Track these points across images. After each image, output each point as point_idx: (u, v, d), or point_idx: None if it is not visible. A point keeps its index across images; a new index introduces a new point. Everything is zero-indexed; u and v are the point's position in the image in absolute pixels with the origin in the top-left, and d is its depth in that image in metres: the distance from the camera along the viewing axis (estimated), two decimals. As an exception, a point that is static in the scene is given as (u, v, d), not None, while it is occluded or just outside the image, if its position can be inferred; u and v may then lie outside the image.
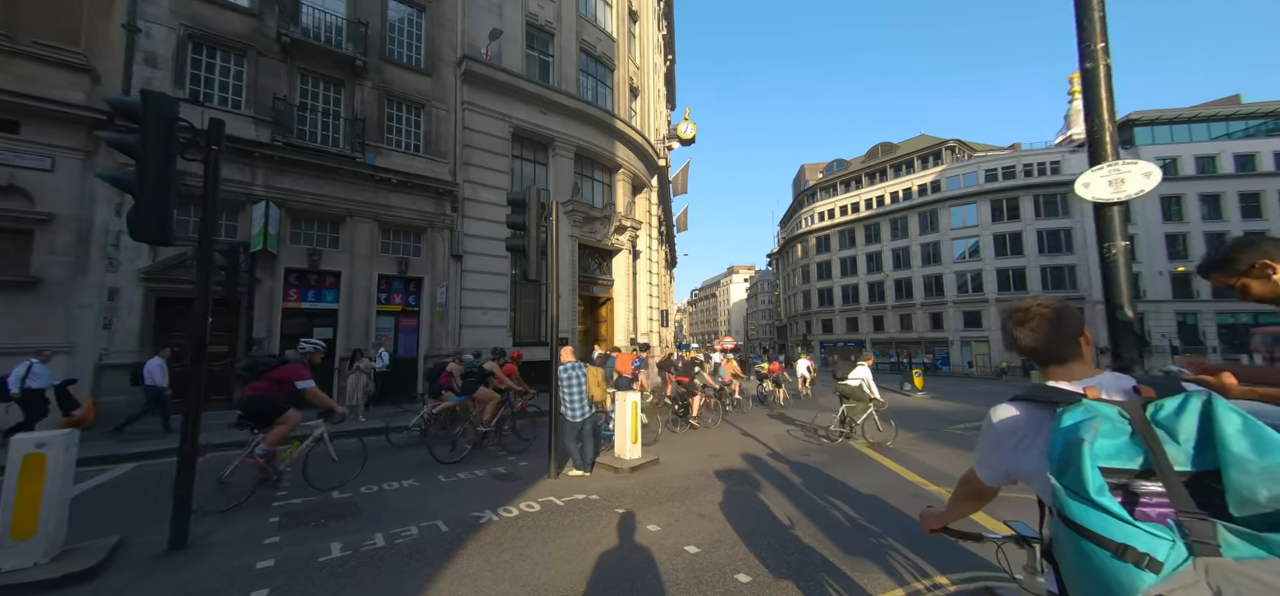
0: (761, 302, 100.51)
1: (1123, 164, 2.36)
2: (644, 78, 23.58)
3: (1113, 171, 2.36)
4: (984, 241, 48.99)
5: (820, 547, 4.40)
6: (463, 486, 6.31)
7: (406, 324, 14.75)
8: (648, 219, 23.47)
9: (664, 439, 9.57)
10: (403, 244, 14.88)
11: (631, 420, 7.30)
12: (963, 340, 49.66)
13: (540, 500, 5.71)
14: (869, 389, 9.67)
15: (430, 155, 15.23)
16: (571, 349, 7.12)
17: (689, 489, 6.26)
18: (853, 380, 9.78)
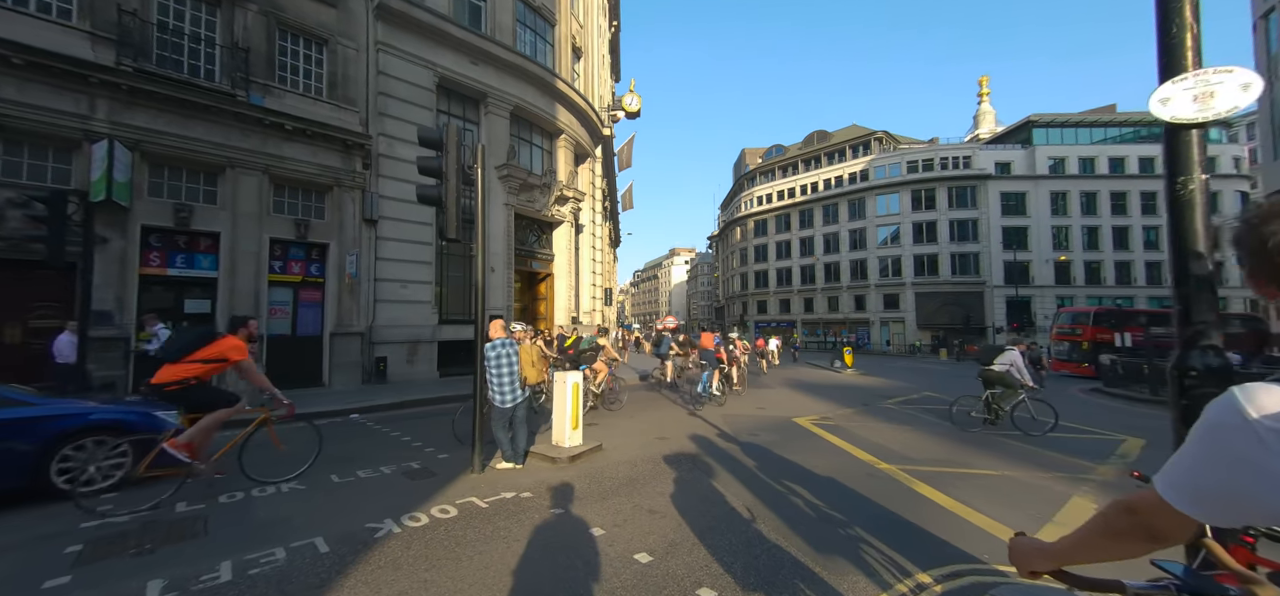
0: (701, 284, 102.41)
1: (1212, 73, 1.83)
2: (587, 38, 22.13)
3: (1199, 83, 1.84)
4: (904, 228, 52.48)
5: (788, 544, 3.85)
6: (361, 488, 5.17)
7: (308, 296, 12.78)
8: (591, 190, 22.33)
9: (604, 421, 8.82)
10: (302, 203, 12.77)
11: (573, 403, 6.44)
12: (882, 321, 53.31)
13: (458, 502, 4.73)
14: (1019, 373, 8.87)
15: (336, 101, 13.11)
16: (502, 323, 6.10)
17: (636, 478, 5.54)
18: (1000, 365, 9.07)
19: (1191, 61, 1.90)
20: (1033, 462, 6.76)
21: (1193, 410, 1.85)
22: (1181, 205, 1.92)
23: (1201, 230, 1.89)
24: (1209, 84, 1.83)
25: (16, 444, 4.56)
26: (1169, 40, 1.94)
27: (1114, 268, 48.65)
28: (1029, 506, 4.91)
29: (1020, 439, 8.43)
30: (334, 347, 12.59)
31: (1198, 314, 1.87)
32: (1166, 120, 1.91)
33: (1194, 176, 1.89)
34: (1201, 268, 1.88)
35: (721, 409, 10.66)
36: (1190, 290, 1.89)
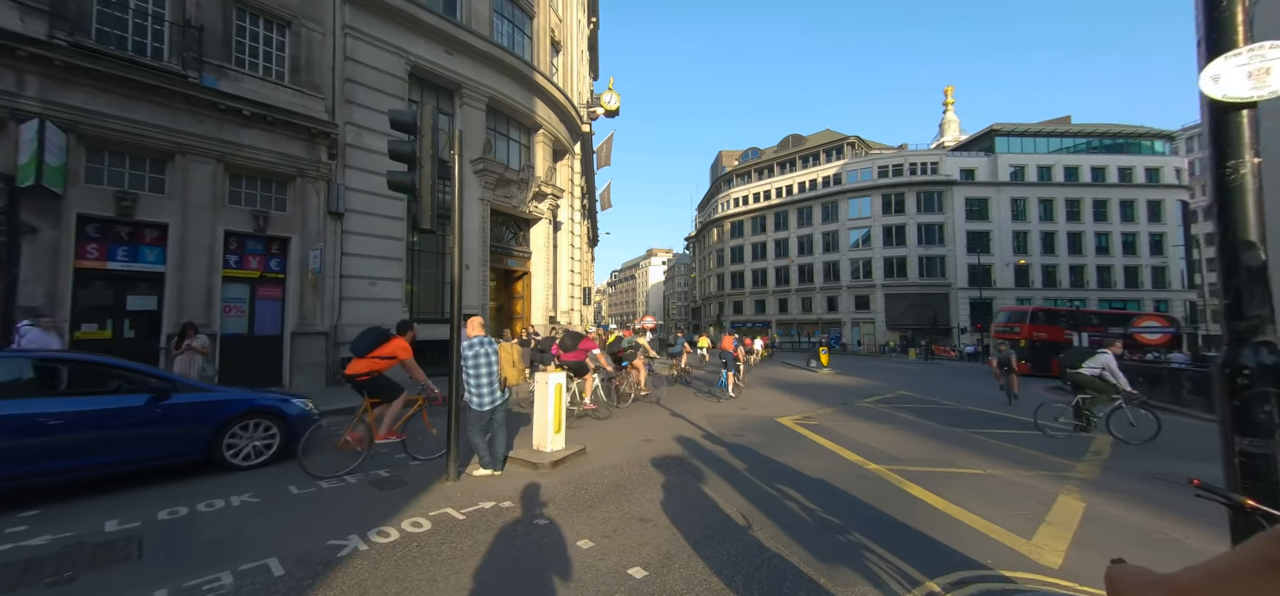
0: (678, 285, 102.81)
1: (1269, 47, 1.71)
2: (566, 33, 21.72)
3: (1254, 57, 1.71)
4: (875, 231, 53.81)
5: (788, 553, 3.65)
6: (324, 500, 4.73)
7: (267, 293, 11.99)
8: (570, 187, 21.91)
9: (586, 425, 8.52)
10: (261, 194, 11.98)
11: (555, 405, 6.12)
12: (854, 321, 54.53)
13: (432, 514, 4.36)
14: (1113, 377, 8.42)
15: (299, 86, 12.36)
16: (480, 321, 5.73)
17: (623, 484, 5.28)
18: (1089, 369, 8.62)
19: (1243, 35, 1.78)
20: (1015, 461, 6.81)
21: (1245, 412, 1.73)
22: (1231, 190, 1.80)
23: (1253, 217, 1.77)
24: (1266, 59, 1.71)
25: (199, 426, 5.48)
26: (1217, 13, 1.82)
27: (1068, 271, 51.06)
28: (1020, 505, 4.88)
29: (997, 437, 8.55)
30: (295, 348, 11.85)
31: (1250, 308, 1.75)
32: (1218, 99, 1.78)
33: (1245, 159, 1.77)
34: (1254, 258, 1.77)
35: (702, 409, 10.49)
36: (1241, 282, 1.77)
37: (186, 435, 5.37)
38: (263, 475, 5.49)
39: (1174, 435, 9.40)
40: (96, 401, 4.98)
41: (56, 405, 4.75)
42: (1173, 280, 50.73)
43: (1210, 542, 4.07)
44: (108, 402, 5.01)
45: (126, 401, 5.08)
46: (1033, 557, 3.67)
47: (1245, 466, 1.70)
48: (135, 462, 5.06)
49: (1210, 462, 7.09)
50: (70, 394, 5.07)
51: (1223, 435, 1.79)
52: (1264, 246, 1.76)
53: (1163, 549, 3.97)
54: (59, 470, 4.62)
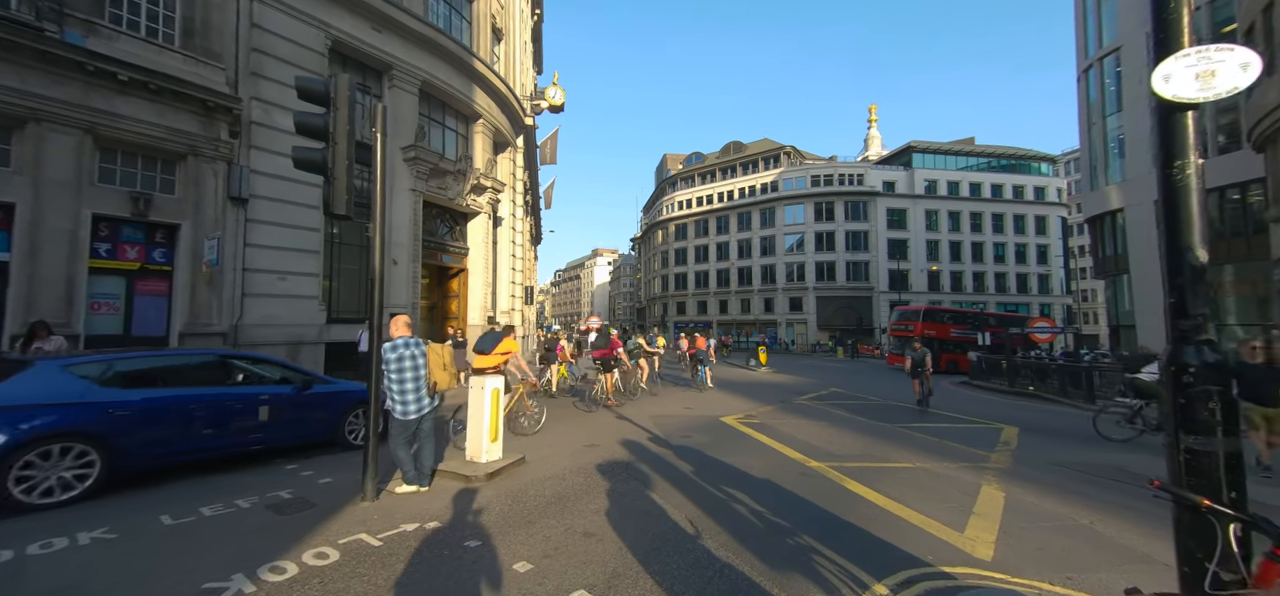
0: (624, 285, 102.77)
1: (1214, 50, 1.75)
2: (509, 21, 20.84)
3: (1201, 59, 1.75)
4: (808, 237, 56.77)
5: (740, 562, 3.51)
6: (203, 531, 3.99)
7: (149, 288, 10.37)
8: (512, 182, 21.03)
9: (528, 430, 8.06)
10: (143, 174, 10.35)
11: (491, 411, 5.65)
12: (788, 322, 57.16)
13: (342, 541, 3.80)
14: None
15: (193, 53, 10.80)
16: (406, 319, 5.15)
17: (566, 495, 4.94)
18: (1149, 374, 8.17)
19: (1187, 38, 1.83)
20: (938, 453, 7.22)
21: (1190, 410, 1.75)
22: (1177, 191, 1.84)
23: (1197, 218, 1.81)
24: (1211, 61, 1.75)
25: (327, 412, 6.61)
26: (1166, 15, 1.86)
27: (972, 277, 56.60)
28: (950, 498, 5.10)
29: (922, 430, 9.08)
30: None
31: (1194, 307, 1.79)
32: (1168, 98, 1.82)
33: (1190, 160, 1.81)
34: (1196, 258, 1.80)
35: (647, 410, 10.33)
36: (1186, 281, 1.81)
37: (322, 420, 6.62)
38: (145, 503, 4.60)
39: (1064, 423, 10.50)
40: (268, 389, 6.23)
41: (240, 391, 6.03)
42: (1054, 287, 57.79)
43: (1114, 527, 4.43)
44: (276, 390, 6.27)
45: (285, 390, 6.34)
46: (968, 551, 3.78)
47: (1190, 463, 1.73)
48: (290, 439, 6.33)
49: (1106, 449, 7.92)
50: (246, 384, 6.19)
51: (1168, 432, 1.82)
52: (1206, 246, 1.80)
53: (1076, 534, 4.26)
54: (247, 444, 5.90)
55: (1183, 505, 1.67)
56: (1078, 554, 3.81)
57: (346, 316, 13.30)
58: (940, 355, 25.33)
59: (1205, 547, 1.63)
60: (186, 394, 5.55)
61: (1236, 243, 18.93)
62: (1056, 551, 3.84)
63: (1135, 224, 22.83)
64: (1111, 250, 24.98)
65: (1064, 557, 3.73)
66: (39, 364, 5.00)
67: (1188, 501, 1.60)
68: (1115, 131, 24.30)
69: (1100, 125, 25.17)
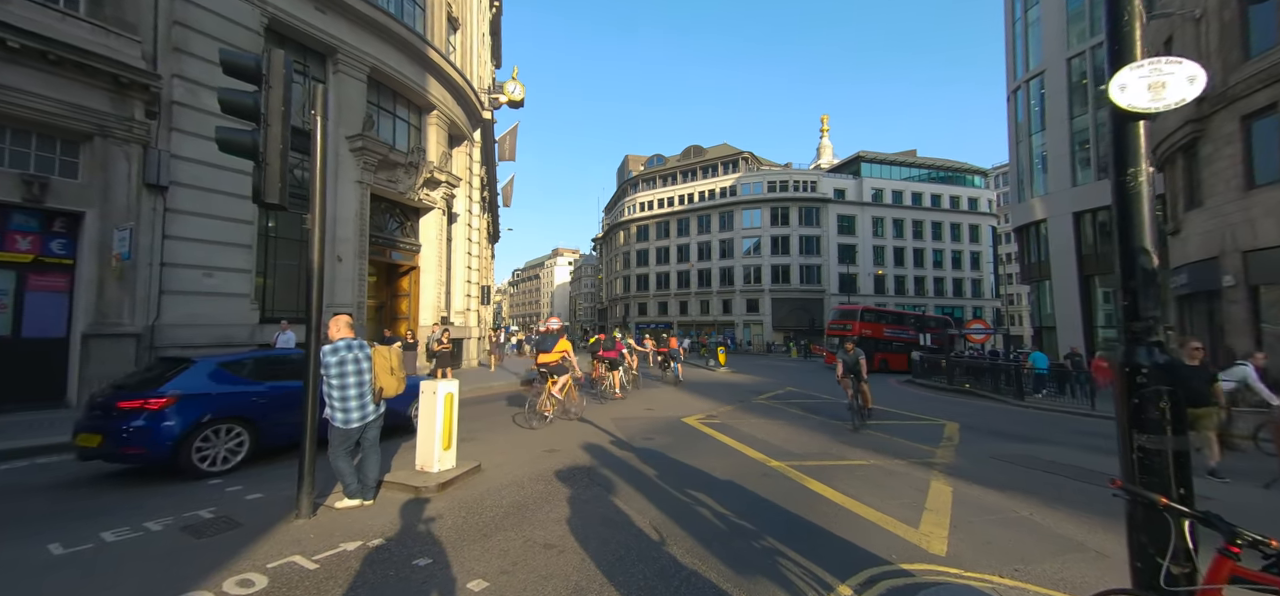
0: (585, 286, 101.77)
1: (1165, 62, 1.83)
2: (466, 10, 20.09)
3: (1153, 71, 1.83)
4: (764, 241, 58.34)
5: (706, 569, 3.44)
6: (105, 560, 3.49)
7: (45, 283, 9.18)
8: (468, 177, 20.29)
9: (484, 436, 7.72)
10: (38, 155, 9.16)
11: (444, 417, 5.32)
12: (745, 323, 58.49)
13: (272, 565, 3.42)
14: (1255, 388, 7.06)
15: (102, 21, 9.66)
16: (348, 320, 4.75)
17: (525, 503, 4.72)
18: (1229, 381, 7.23)
19: (1140, 51, 1.91)
20: (888, 450, 7.49)
21: (1142, 410, 1.81)
22: (1130, 197, 1.91)
23: (1148, 223, 1.89)
24: (1162, 73, 1.84)
25: (403, 400, 6.96)
26: (1120, 29, 1.94)
27: (913, 281, 60.04)
28: (903, 494, 5.27)
29: (873, 428, 9.43)
30: (89, 353, 9.22)
31: (1145, 309, 1.87)
32: (1123, 108, 1.89)
33: (1141, 168, 1.89)
34: (1147, 262, 1.88)
35: (609, 412, 10.17)
36: (1138, 284, 1.88)
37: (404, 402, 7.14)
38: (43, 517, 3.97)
39: (998, 418, 11.24)
40: None
41: None
42: (985, 291, 62.29)
43: (1051, 518, 4.71)
44: None
45: None
46: (923, 547, 3.89)
47: (1142, 462, 1.80)
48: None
49: (1036, 442, 8.50)
50: None
51: (1120, 431, 1.89)
52: (1156, 250, 1.89)
53: (1019, 526, 4.49)
54: None
55: (1140, 503, 1.73)
56: (1022, 545, 4.01)
57: (282, 316, 12.32)
58: (873, 354, 26.05)
59: (1158, 543, 1.70)
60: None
61: (1140, 253, 20.99)
62: (1003, 544, 4.02)
63: (1055, 234, 24.90)
64: (1036, 257, 27.13)
65: (1010, 549, 3.91)
66: (200, 361, 6.04)
67: (1146, 499, 1.66)
68: (1039, 148, 26.41)
69: (1027, 142, 27.29)
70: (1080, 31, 23.58)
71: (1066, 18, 24.15)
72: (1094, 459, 7.38)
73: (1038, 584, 3.35)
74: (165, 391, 5.47)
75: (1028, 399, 15.02)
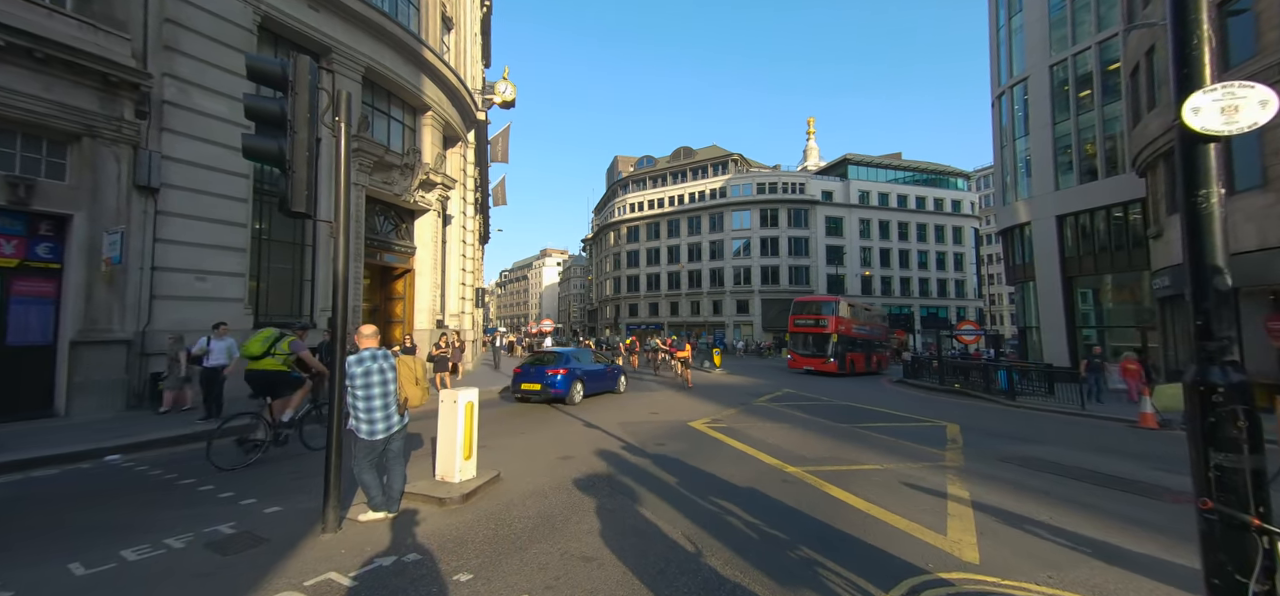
0: (574, 286, 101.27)
1: (1238, 86, 1.89)
2: (459, 10, 19.86)
3: (1226, 95, 1.88)
4: (753, 242, 58.79)
5: (750, 582, 3.45)
6: (128, 581, 3.37)
7: (31, 288, 8.83)
8: (462, 178, 20.05)
9: (495, 443, 7.64)
10: (24, 155, 8.81)
11: (465, 426, 5.25)
12: (735, 324, 58.83)
13: (308, 583, 3.34)
14: None
15: (90, 18, 9.33)
16: (374, 329, 4.66)
17: (552, 515, 4.68)
18: None
19: (1209, 74, 1.97)
20: (898, 453, 7.61)
21: (1219, 428, 1.87)
22: (1202, 218, 1.97)
23: (1220, 244, 1.95)
24: (1235, 97, 1.90)
25: (613, 381, 14.18)
26: (1189, 52, 2.00)
27: (899, 282, 61.06)
28: (923, 499, 5.35)
29: (878, 430, 9.56)
30: (78, 360, 8.89)
31: (1219, 329, 1.93)
32: (1197, 130, 1.94)
33: (1212, 189, 1.95)
34: (1222, 282, 1.94)
35: (616, 417, 10.15)
36: (1211, 305, 1.94)
37: (611, 382, 14.00)
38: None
39: (994, 419, 11.48)
40: (600, 366, 13.97)
41: (597, 366, 13.66)
42: (969, 292, 63.64)
43: (1071, 522, 4.83)
44: (602, 367, 14.05)
45: (605, 367, 14.14)
46: (956, 555, 3.95)
47: (1219, 480, 1.85)
48: (601, 391, 13.40)
49: (1034, 443, 8.70)
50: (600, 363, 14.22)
51: (1194, 449, 1.94)
52: (1228, 272, 1.95)
53: (1042, 531, 4.59)
54: (597, 390, 13.22)
55: (1228, 523, 1.78)
56: (1050, 552, 4.10)
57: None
58: (846, 355, 24.96)
59: (1238, 562, 1.76)
60: (598, 367, 13.79)
61: (1119, 255, 21.66)
62: (1032, 551, 4.11)
63: (1039, 237, 25.54)
64: (1020, 260, 27.80)
65: (1040, 556, 4.00)
66: (563, 352, 13.26)
67: (1239, 521, 1.71)
68: (1023, 153, 27.05)
69: (1011, 147, 27.94)
70: (1062, 39, 24.24)
71: (1048, 26, 24.80)
72: (1096, 458, 7.59)
73: (1072, 591, 3.43)
74: (561, 365, 12.01)
75: (1019, 399, 15.38)
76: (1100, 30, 22.49)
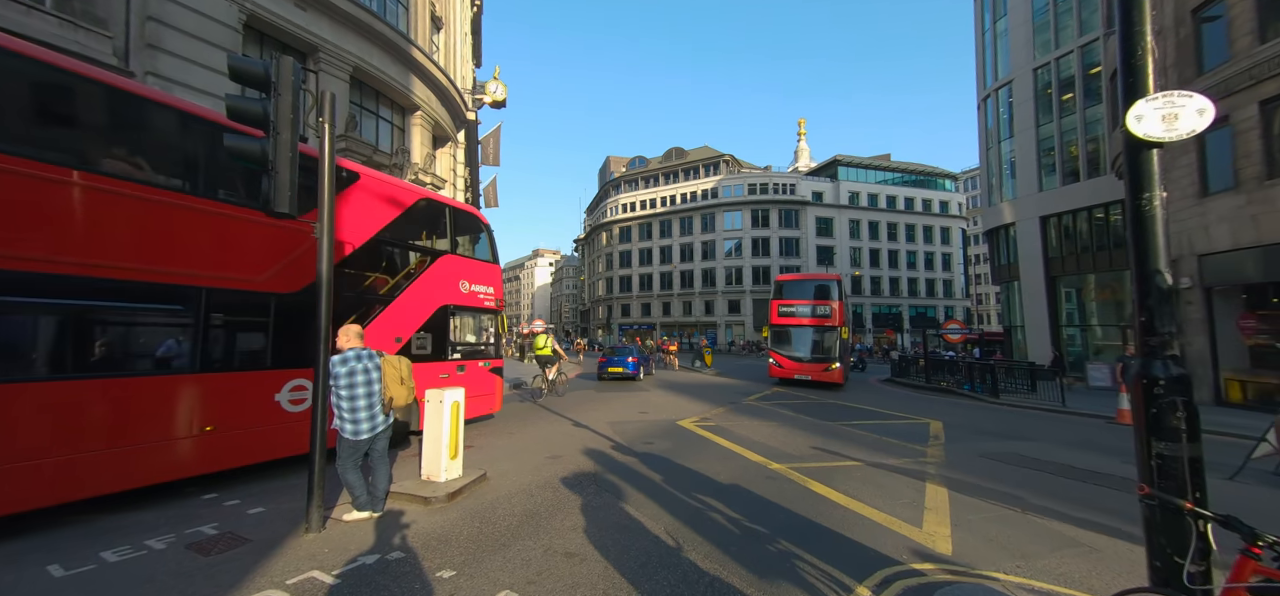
0: (566, 286, 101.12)
1: (1177, 96, 2.00)
2: (449, 8, 19.80)
3: (1167, 103, 1.99)
4: (745, 242, 59.12)
5: (727, 574, 3.52)
6: (108, 582, 3.36)
7: None
8: (452, 178, 19.97)
9: (482, 442, 7.65)
10: (0, 152, 8.65)
11: (451, 426, 5.28)
12: (727, 323, 59.14)
13: (290, 582, 3.36)
14: None
15: (71, 17, 9.21)
16: (357, 329, 4.68)
17: (537, 512, 4.72)
18: None
19: (1152, 84, 2.07)
20: (880, 449, 7.74)
21: (1160, 419, 1.97)
22: (1145, 220, 2.08)
23: (1162, 245, 2.05)
24: (1174, 105, 2.00)
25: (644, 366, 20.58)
26: (1134, 62, 2.10)
27: (888, 282, 61.70)
28: (903, 494, 5.47)
29: (863, 428, 9.70)
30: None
31: (1161, 325, 2.03)
32: (1140, 137, 2.04)
33: (1155, 193, 2.05)
34: (1162, 281, 2.04)
35: (604, 417, 10.19)
36: (1153, 302, 2.04)
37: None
38: None
39: (977, 417, 11.69)
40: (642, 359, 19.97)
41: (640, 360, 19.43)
42: (956, 291, 64.47)
43: (1043, 514, 4.96)
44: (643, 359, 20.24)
45: (643, 360, 20.10)
46: (930, 547, 4.06)
47: (1161, 467, 1.96)
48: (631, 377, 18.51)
49: (1014, 439, 8.89)
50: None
51: (1138, 439, 2.04)
52: (1171, 269, 2.05)
53: (1015, 523, 4.72)
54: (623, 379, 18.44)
55: (1165, 508, 1.88)
56: (1020, 541, 4.22)
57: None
58: (846, 356, 23.15)
59: (1177, 545, 1.86)
60: (641, 360, 19.62)
61: (1100, 255, 22.10)
62: (1003, 541, 4.23)
63: (1024, 237, 25.98)
64: (1005, 259, 28.25)
65: (1010, 546, 4.12)
66: (621, 347, 21.98)
67: (1172, 504, 1.81)
68: (1008, 155, 27.50)
69: (996, 148, 28.40)
70: (1045, 43, 24.69)
71: (1032, 29, 25.26)
72: (1072, 453, 7.78)
73: (1041, 579, 3.55)
74: (631, 355, 18.58)
75: (1002, 396, 15.65)
76: (1082, 34, 22.95)
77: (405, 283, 7.66)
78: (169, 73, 10.45)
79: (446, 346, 8.40)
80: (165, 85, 10.36)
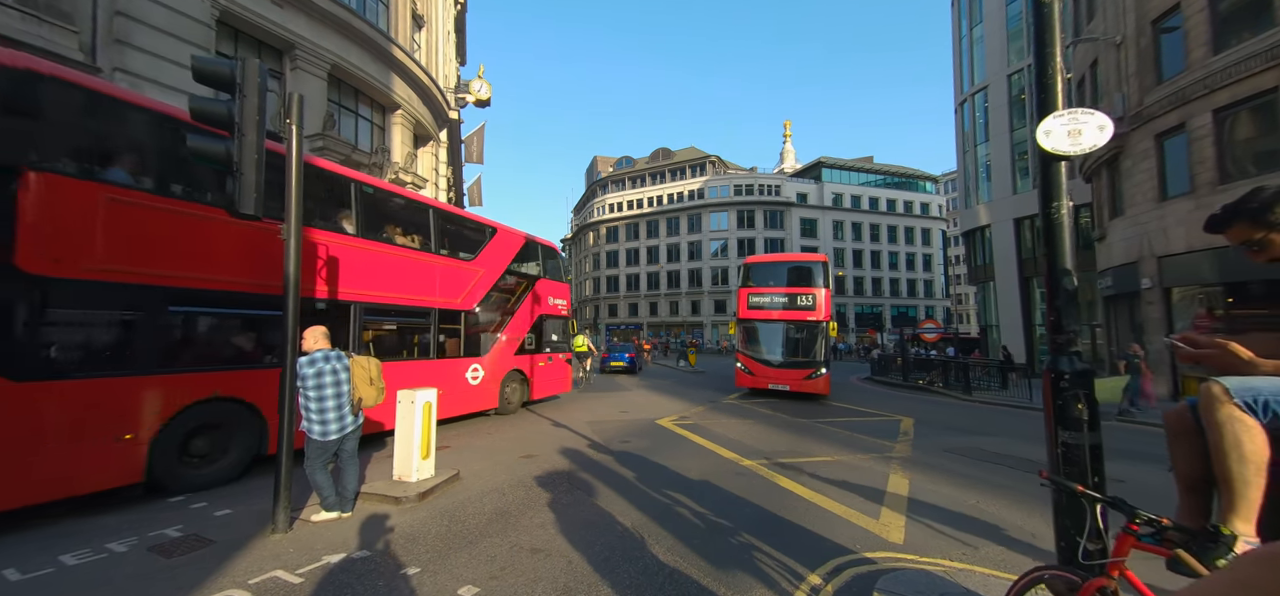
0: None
1: (1080, 113, 2.16)
2: (431, 7, 19.67)
3: (1071, 120, 2.15)
4: (731, 243, 59.58)
5: (687, 566, 3.64)
6: (64, 585, 3.36)
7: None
8: (434, 177, 19.84)
9: (460, 442, 7.68)
10: (-42, 150, 8.41)
11: (423, 426, 5.31)
12: (713, 324, 59.53)
13: (253, 582, 3.39)
14: None
15: (33, 10, 9.00)
16: (324, 331, 4.69)
17: (507, 510, 4.79)
18: None
19: (1061, 102, 2.23)
20: (849, 446, 7.95)
21: (1064, 410, 2.13)
22: (1054, 227, 2.23)
23: (1068, 249, 2.21)
24: (1078, 121, 2.16)
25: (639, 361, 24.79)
26: (1045, 81, 2.26)
27: (871, 282, 62.73)
28: (865, 488, 5.65)
29: (835, 425, 9.93)
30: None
31: (1067, 323, 2.18)
32: (1047, 149, 2.20)
33: (1062, 202, 2.21)
34: (1070, 283, 2.20)
35: (584, 417, 10.27)
36: (1061, 303, 2.20)
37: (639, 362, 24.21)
38: None
39: (948, 413, 12.02)
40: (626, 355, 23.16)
41: (627, 354, 23.26)
42: (937, 292, 65.81)
43: (995, 507, 5.18)
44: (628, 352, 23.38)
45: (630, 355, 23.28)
46: (883, 537, 4.23)
47: (1065, 454, 2.11)
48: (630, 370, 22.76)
49: (980, 434, 9.18)
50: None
51: (1047, 429, 2.20)
52: (1077, 272, 2.21)
53: (967, 515, 4.92)
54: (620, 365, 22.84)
55: (1062, 490, 2.03)
56: (969, 532, 4.42)
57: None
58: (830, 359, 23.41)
59: (1077, 525, 2.01)
60: (635, 357, 23.78)
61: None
62: (953, 531, 4.42)
63: (999, 238, 26.68)
64: (981, 260, 28.97)
65: (960, 537, 4.31)
66: (627, 344, 24.51)
67: (1067, 488, 1.96)
68: (984, 158, 28.22)
69: (973, 152, 29.11)
70: (1019, 50, 25.38)
71: (1006, 37, 25.94)
72: (1030, 447, 8.08)
73: (983, 565, 3.73)
74: (629, 352, 22.10)
75: (974, 393, 16.08)
76: (1052, 42, 23.60)
77: (520, 301, 11.04)
78: (140, 69, 10.25)
79: (543, 343, 11.78)
80: (134, 82, 10.17)
